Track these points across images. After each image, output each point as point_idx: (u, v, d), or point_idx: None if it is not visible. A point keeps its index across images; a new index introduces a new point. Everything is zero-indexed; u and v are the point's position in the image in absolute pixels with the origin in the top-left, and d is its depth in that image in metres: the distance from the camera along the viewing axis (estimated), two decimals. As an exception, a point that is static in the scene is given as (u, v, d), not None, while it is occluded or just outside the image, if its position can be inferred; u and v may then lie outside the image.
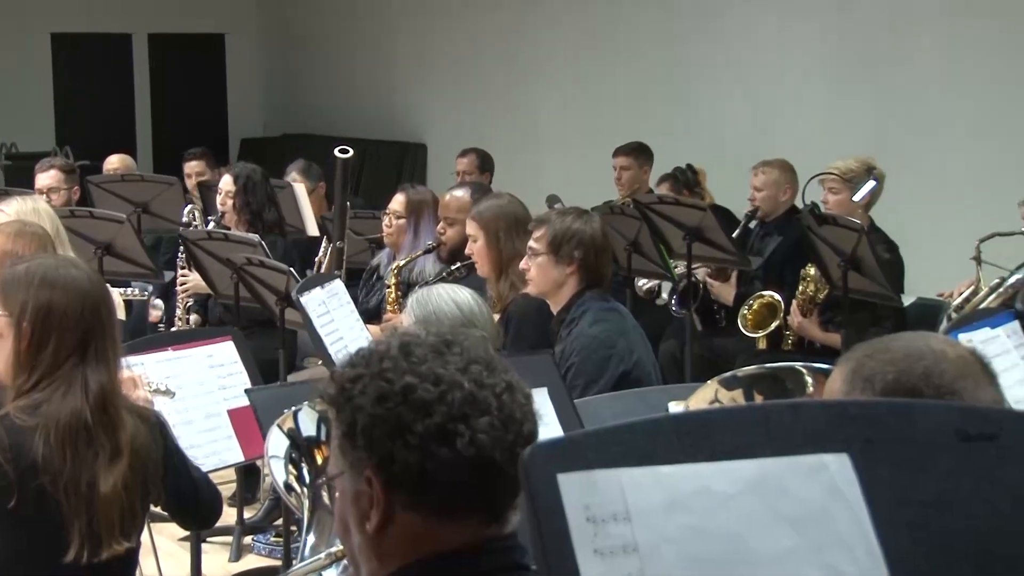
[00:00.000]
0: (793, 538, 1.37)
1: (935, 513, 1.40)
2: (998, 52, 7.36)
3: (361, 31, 12.21)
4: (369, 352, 1.72)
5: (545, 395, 3.17)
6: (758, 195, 6.63)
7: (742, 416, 1.46)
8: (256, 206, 6.47)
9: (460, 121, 10.95)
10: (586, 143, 9.61)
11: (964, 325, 3.10)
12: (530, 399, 1.73)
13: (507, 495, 1.69)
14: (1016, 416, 1.54)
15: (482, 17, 10.88)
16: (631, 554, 1.32)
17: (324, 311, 4.59)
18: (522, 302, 4.73)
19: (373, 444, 1.67)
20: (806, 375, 2.50)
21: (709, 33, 9.02)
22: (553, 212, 4.81)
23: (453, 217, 5.64)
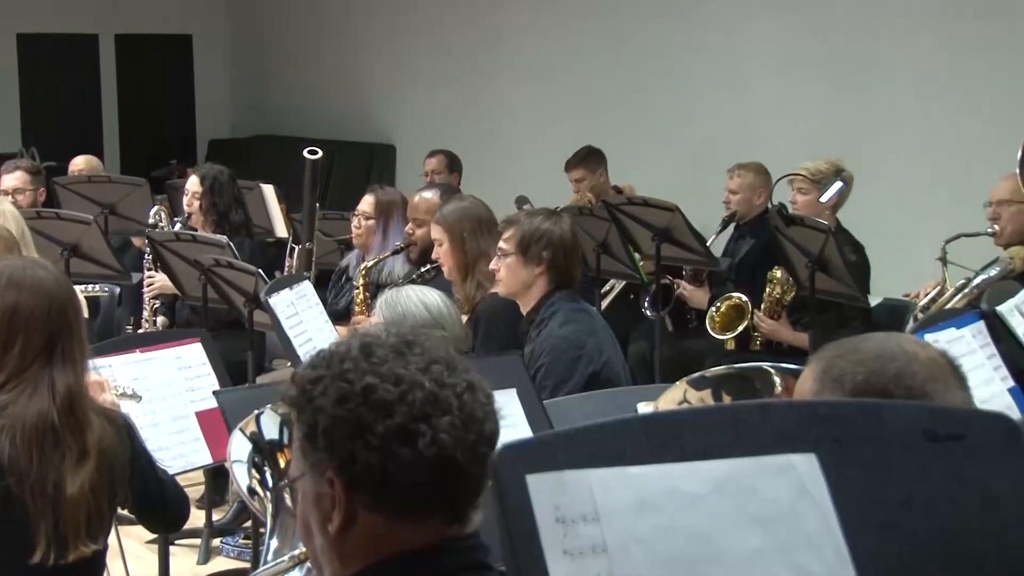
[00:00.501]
0: (761, 538, 1.37)
1: (903, 513, 1.40)
2: (965, 54, 7.41)
3: (330, 31, 12.18)
4: (330, 353, 1.73)
5: (514, 396, 3.17)
6: (733, 198, 6.65)
7: (711, 416, 1.46)
8: (223, 207, 6.45)
9: (429, 122, 10.95)
10: (555, 144, 9.61)
11: (930, 326, 3.12)
12: (491, 399, 1.73)
13: (469, 495, 1.69)
14: (983, 416, 1.54)
15: (451, 18, 10.87)
16: (600, 554, 1.32)
17: (293, 312, 4.58)
18: (491, 302, 4.73)
19: (334, 445, 1.67)
20: (775, 375, 2.50)
21: (676, 36, 9.04)
22: (522, 213, 4.81)
23: (422, 218, 5.64)
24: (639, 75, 9.27)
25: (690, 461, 1.39)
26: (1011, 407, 3.00)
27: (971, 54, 7.38)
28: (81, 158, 8.40)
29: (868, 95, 7.91)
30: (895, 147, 7.70)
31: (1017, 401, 3.04)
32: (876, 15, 7.87)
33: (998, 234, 5.09)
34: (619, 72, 9.42)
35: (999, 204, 5.10)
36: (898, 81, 7.74)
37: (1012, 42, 7.20)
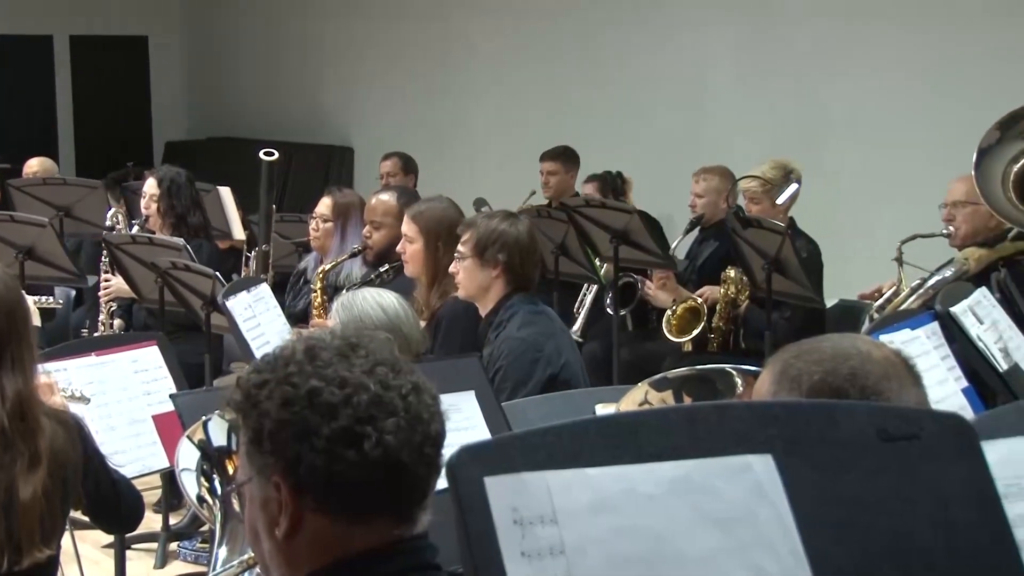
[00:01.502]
0: (718, 538, 1.38)
1: (857, 512, 1.41)
2: (921, 55, 7.47)
3: (286, 33, 12.14)
4: (274, 357, 1.73)
5: (473, 398, 3.17)
6: (699, 201, 6.68)
7: (668, 417, 1.47)
8: (181, 209, 6.43)
9: (387, 124, 10.93)
10: (512, 146, 9.63)
11: (885, 326, 3.14)
12: (437, 399, 1.74)
13: (416, 495, 1.70)
14: (937, 416, 1.56)
15: (408, 20, 10.86)
16: (558, 556, 1.33)
17: (250, 315, 4.56)
18: (452, 305, 4.73)
19: (280, 449, 1.67)
20: (735, 376, 2.52)
21: (632, 37, 9.06)
22: (481, 215, 4.81)
23: (379, 220, 5.62)
24: (598, 77, 9.29)
25: (647, 462, 1.39)
26: (965, 407, 3.02)
27: (928, 57, 7.44)
28: (35, 160, 8.34)
29: (827, 97, 7.96)
30: (853, 149, 7.76)
31: (971, 401, 3.07)
32: (835, 18, 7.92)
33: (953, 235, 5.13)
34: (578, 75, 9.44)
35: (954, 206, 5.14)
36: (856, 83, 7.79)
37: (968, 45, 7.27)
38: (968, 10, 7.29)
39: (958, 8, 7.35)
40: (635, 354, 6.37)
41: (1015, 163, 4.56)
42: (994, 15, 7.18)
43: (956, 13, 7.35)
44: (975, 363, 3.15)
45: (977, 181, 4.59)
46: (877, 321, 3.82)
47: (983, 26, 7.21)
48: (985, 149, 4.58)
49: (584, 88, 9.38)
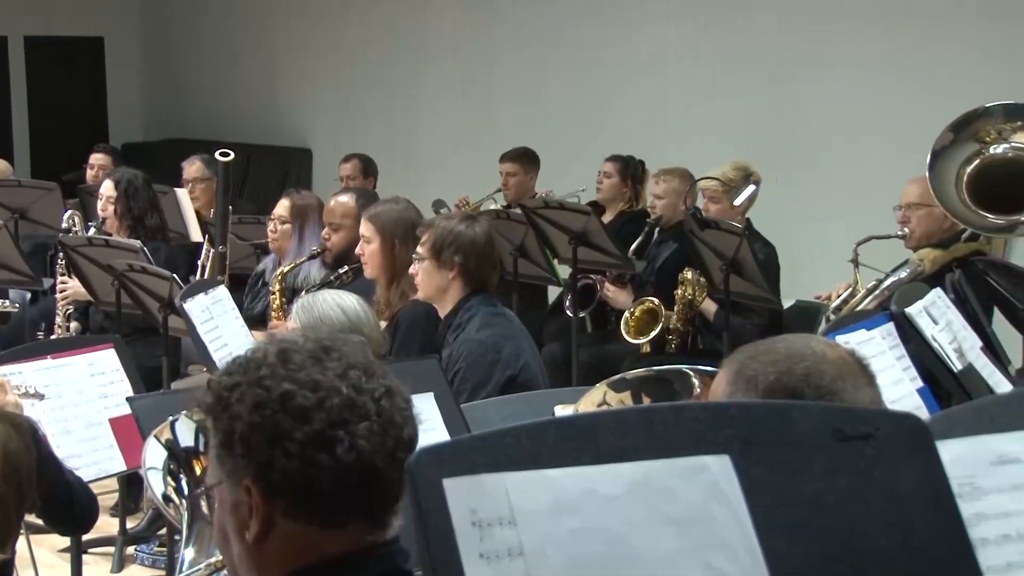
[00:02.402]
0: (676, 539, 1.38)
1: (812, 512, 1.42)
2: (880, 59, 7.52)
3: (244, 34, 12.10)
4: (246, 359, 1.72)
5: (431, 400, 3.17)
6: (659, 202, 6.71)
7: (626, 419, 1.48)
8: (138, 211, 6.40)
9: (345, 126, 10.90)
10: (470, 147, 9.62)
11: (842, 327, 3.16)
12: (410, 403, 1.73)
13: (388, 500, 1.69)
14: (892, 416, 1.57)
15: (366, 21, 10.84)
16: (516, 557, 1.33)
17: (208, 317, 4.54)
18: (411, 307, 4.73)
19: (251, 452, 1.66)
20: (693, 377, 2.53)
21: (592, 37, 9.08)
22: (439, 217, 4.81)
23: (338, 222, 5.62)
24: (559, 78, 9.30)
25: (606, 463, 1.40)
26: (920, 407, 3.05)
27: (883, 60, 7.49)
28: (-10, 162, 8.28)
29: (784, 100, 8.01)
30: (810, 151, 7.80)
31: (926, 401, 3.09)
32: (790, 18, 7.96)
33: (908, 237, 5.17)
34: (538, 76, 9.45)
35: (908, 207, 5.18)
36: (812, 86, 7.83)
37: (922, 48, 7.33)
38: (923, 13, 7.35)
39: (913, 11, 7.41)
40: (594, 355, 6.39)
41: (968, 165, 4.61)
42: (949, 18, 7.25)
43: (911, 16, 7.41)
44: (930, 363, 3.18)
45: (931, 183, 4.63)
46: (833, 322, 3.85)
47: (938, 29, 7.27)
48: (939, 151, 4.63)
49: (544, 88, 9.39)
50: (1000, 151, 4.59)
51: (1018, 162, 4.54)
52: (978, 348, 3.30)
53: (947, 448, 1.51)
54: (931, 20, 7.32)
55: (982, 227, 4.72)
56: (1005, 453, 1.56)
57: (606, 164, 7.41)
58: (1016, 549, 1.51)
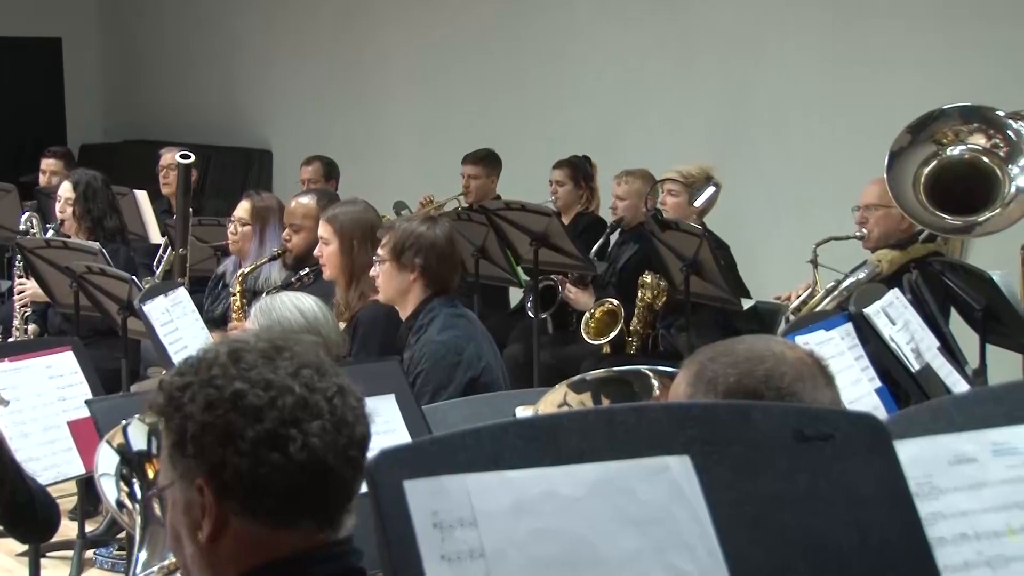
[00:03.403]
0: (637, 539, 1.39)
1: (773, 512, 1.43)
2: (838, 58, 7.56)
3: (203, 35, 12.04)
4: (198, 360, 1.72)
5: (393, 402, 3.17)
6: (620, 204, 6.73)
7: (587, 419, 1.48)
8: (97, 213, 6.37)
9: (306, 127, 10.87)
10: (432, 149, 9.62)
11: (801, 328, 3.18)
12: (362, 402, 1.74)
13: (341, 499, 1.70)
14: (851, 417, 1.58)
15: (326, 22, 10.81)
16: (478, 559, 1.33)
17: (168, 320, 4.52)
18: (371, 308, 4.72)
19: (203, 452, 1.66)
20: (652, 378, 2.54)
21: (551, 39, 9.09)
22: (400, 219, 4.81)
23: (299, 224, 5.61)
24: (520, 78, 9.30)
25: (567, 464, 1.40)
26: (878, 407, 3.06)
27: (842, 60, 7.53)
28: (-54, 163, 8.21)
29: (743, 99, 8.04)
30: (769, 152, 7.84)
31: (884, 401, 3.11)
32: (748, 17, 7.99)
33: (866, 238, 5.20)
34: (499, 76, 9.45)
35: (867, 208, 5.21)
36: (772, 87, 7.87)
37: (882, 49, 7.37)
38: (884, 13, 7.40)
39: (870, 11, 7.45)
40: (556, 357, 6.40)
41: (926, 166, 4.64)
42: (909, 19, 7.30)
43: (871, 16, 7.45)
44: (888, 363, 3.20)
45: (889, 184, 4.66)
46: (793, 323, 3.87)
47: (898, 29, 7.32)
48: (896, 152, 4.66)
49: (504, 88, 9.39)
50: (957, 153, 4.63)
51: (974, 164, 4.58)
52: (935, 348, 3.32)
53: (905, 448, 1.53)
54: (892, 21, 7.36)
55: (939, 228, 4.75)
56: (962, 453, 1.57)
57: (556, 172, 7.40)
58: (973, 548, 1.53)
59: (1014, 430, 1.60)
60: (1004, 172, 4.51)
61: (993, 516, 1.55)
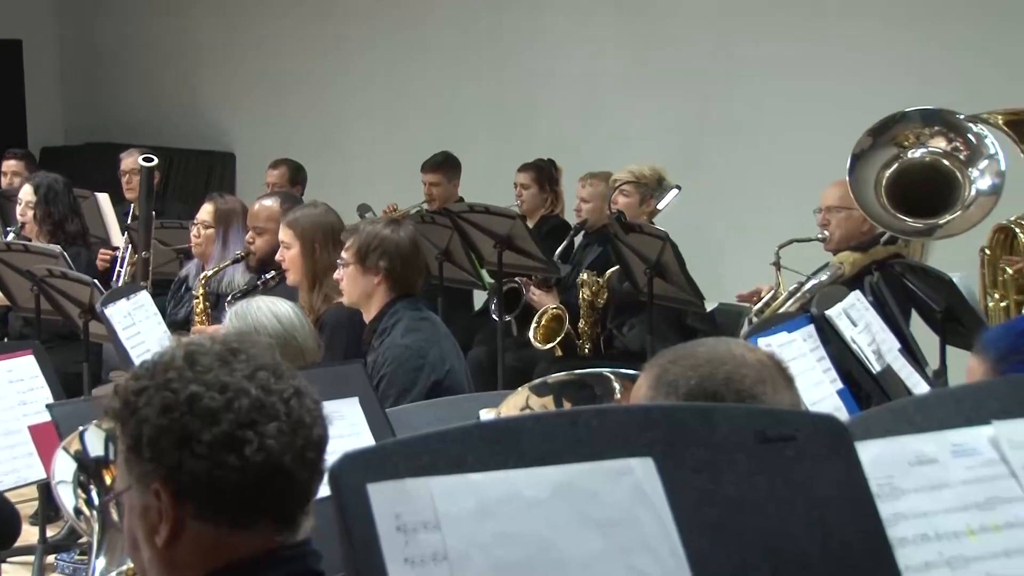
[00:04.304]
0: (600, 541, 1.39)
1: (735, 514, 1.44)
2: (800, 62, 7.60)
3: (165, 37, 11.98)
4: (153, 363, 1.72)
5: (356, 404, 3.16)
6: (584, 206, 6.74)
7: (550, 422, 1.48)
8: (58, 216, 6.34)
9: (269, 129, 10.83)
10: (396, 152, 9.60)
11: (763, 329, 3.19)
12: (319, 404, 1.74)
13: (298, 501, 1.70)
14: (812, 418, 1.59)
15: (289, 24, 10.78)
16: (441, 562, 1.33)
17: (130, 323, 4.51)
18: (336, 311, 4.72)
19: (160, 455, 1.66)
20: (614, 381, 2.54)
21: (514, 41, 9.09)
22: (364, 222, 4.81)
23: (262, 226, 5.59)
24: (484, 82, 9.31)
25: (530, 467, 1.40)
26: (839, 408, 3.08)
27: (804, 64, 7.57)
28: (-96, 167, 8.14)
29: (707, 102, 8.07)
30: (732, 154, 7.87)
31: (845, 402, 3.13)
32: (711, 20, 8.03)
33: (828, 240, 5.23)
34: (464, 79, 9.45)
35: (828, 210, 5.24)
36: (735, 90, 7.90)
37: (843, 53, 7.42)
38: (845, 16, 7.44)
39: (835, 14, 7.50)
40: (520, 359, 6.40)
41: (887, 168, 4.67)
42: (871, 22, 7.34)
43: (833, 19, 7.50)
44: (849, 365, 3.22)
45: (851, 186, 4.69)
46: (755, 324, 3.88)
47: (860, 32, 7.37)
48: (858, 155, 4.69)
49: (469, 92, 9.39)
50: (918, 155, 4.66)
51: (935, 166, 4.61)
52: (896, 350, 3.35)
53: (866, 449, 1.53)
54: (851, 23, 7.41)
55: (900, 230, 4.78)
56: (923, 453, 1.58)
57: (521, 175, 7.40)
58: (934, 548, 1.54)
59: (973, 431, 1.61)
60: (964, 175, 4.54)
61: (953, 517, 1.56)
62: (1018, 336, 2.23)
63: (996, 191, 4.50)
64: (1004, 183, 4.48)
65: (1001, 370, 2.20)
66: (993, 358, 2.22)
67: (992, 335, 2.29)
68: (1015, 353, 2.19)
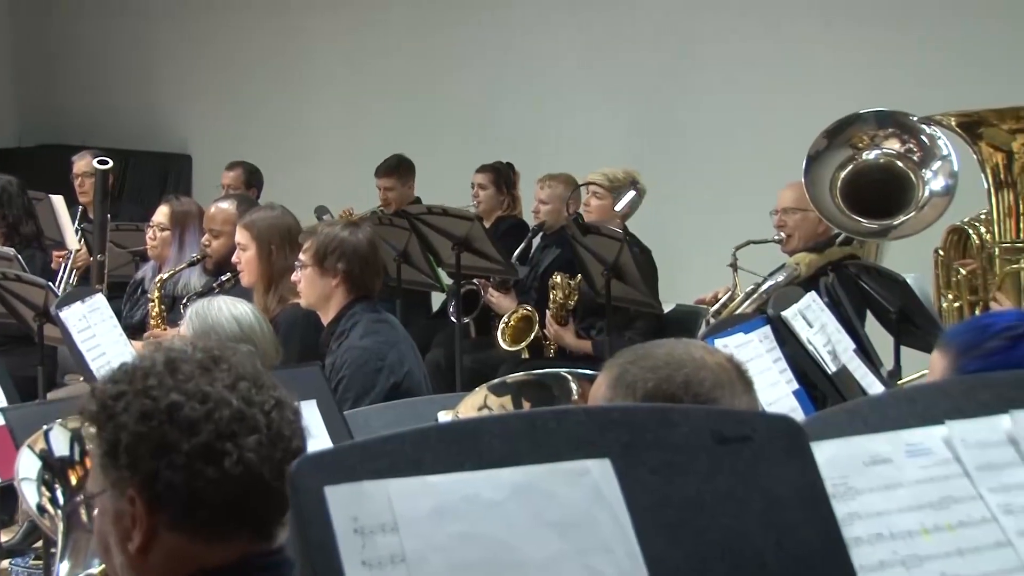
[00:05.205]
0: (558, 543, 1.39)
1: (692, 514, 1.44)
2: (757, 64, 7.63)
3: (120, 37, 11.89)
4: (133, 368, 1.69)
5: (314, 407, 3.15)
6: (543, 208, 6.75)
7: (508, 424, 1.49)
8: (12, 219, 6.30)
9: (226, 131, 10.77)
10: (355, 152, 9.57)
11: (720, 330, 3.20)
12: (299, 415, 1.72)
13: (276, 512, 1.68)
14: (769, 419, 1.60)
15: (246, 24, 10.73)
16: (399, 564, 1.33)
17: (85, 326, 4.47)
18: (290, 311, 4.71)
19: (136, 463, 1.63)
20: (572, 381, 2.55)
21: (472, 43, 9.09)
22: (322, 224, 4.80)
23: (219, 229, 5.58)
24: (441, 82, 9.30)
25: (488, 468, 1.40)
26: (796, 409, 3.10)
27: (761, 65, 7.61)
28: None
29: (664, 104, 8.10)
30: (688, 156, 7.90)
31: (801, 403, 3.14)
32: (672, 23, 8.05)
33: (784, 241, 5.26)
34: (422, 81, 9.43)
35: (785, 212, 5.27)
36: (692, 92, 7.93)
37: (801, 54, 7.46)
38: (803, 18, 7.48)
39: (793, 16, 7.54)
40: (478, 361, 6.40)
41: (842, 170, 4.70)
42: (828, 24, 7.39)
43: (791, 21, 7.54)
44: (805, 365, 3.24)
45: (806, 188, 4.71)
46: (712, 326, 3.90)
47: (817, 34, 7.41)
48: (814, 156, 4.71)
49: (426, 94, 9.38)
50: (872, 157, 4.69)
51: (889, 168, 4.64)
52: (851, 350, 3.37)
53: (822, 449, 1.54)
54: (808, 25, 7.45)
55: (856, 231, 4.81)
56: (878, 453, 1.60)
57: (478, 176, 7.40)
58: (888, 548, 1.55)
59: (927, 431, 1.63)
60: (918, 176, 4.58)
61: (908, 516, 1.57)
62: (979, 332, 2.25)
63: (949, 192, 4.54)
64: (957, 184, 4.52)
65: (961, 365, 2.22)
66: (954, 353, 2.24)
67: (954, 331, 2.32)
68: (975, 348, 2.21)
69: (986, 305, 4.02)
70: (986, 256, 4.08)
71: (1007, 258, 3.91)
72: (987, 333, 2.23)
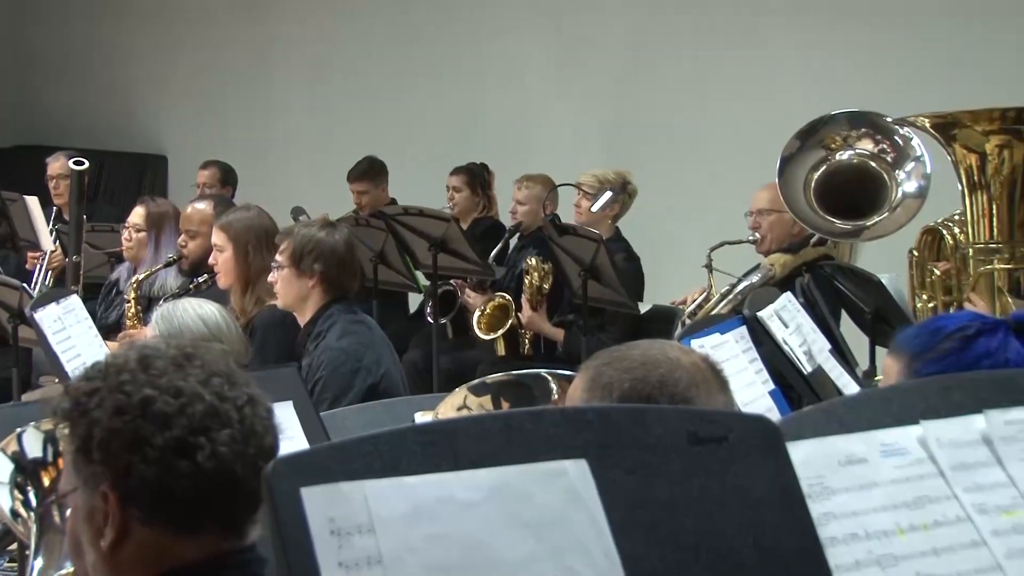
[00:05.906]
0: (534, 543, 1.40)
1: (668, 514, 1.45)
2: (731, 65, 7.66)
3: (97, 39, 11.85)
4: (106, 365, 1.70)
5: (291, 409, 3.14)
6: (520, 208, 6.75)
7: (485, 424, 1.49)
8: (-14, 220, 6.27)
9: (202, 132, 10.75)
10: (331, 153, 9.56)
11: (696, 331, 3.21)
12: (271, 413, 1.73)
13: (247, 509, 1.68)
14: (744, 419, 1.61)
15: (222, 25, 10.70)
16: (375, 565, 1.33)
17: (60, 327, 4.45)
18: (268, 313, 4.70)
19: (110, 458, 1.64)
20: (551, 382, 2.56)
21: (446, 47, 9.09)
22: (299, 224, 4.80)
23: (195, 230, 5.56)
24: (417, 83, 9.29)
25: (465, 469, 1.41)
26: (771, 409, 3.10)
27: (735, 68, 7.63)
28: None
29: (640, 106, 8.11)
30: (664, 157, 7.91)
31: (777, 403, 3.15)
32: (648, 26, 8.07)
33: (759, 242, 5.28)
34: (397, 82, 9.42)
35: (759, 213, 5.29)
36: (668, 93, 7.95)
37: (777, 55, 7.48)
38: (775, 19, 7.51)
39: (765, 17, 7.56)
40: (455, 362, 6.40)
41: (816, 171, 4.72)
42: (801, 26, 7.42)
43: (763, 23, 7.56)
44: (781, 366, 3.24)
45: (780, 189, 4.73)
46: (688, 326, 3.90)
47: (790, 36, 7.44)
48: (787, 157, 4.73)
49: (401, 95, 9.37)
50: (846, 157, 4.71)
51: (863, 168, 4.66)
52: (827, 351, 3.38)
53: (797, 449, 1.55)
54: (781, 27, 7.48)
55: (830, 232, 4.83)
56: (853, 453, 1.60)
57: (453, 178, 7.39)
58: (864, 547, 1.55)
59: (902, 431, 1.63)
60: (891, 177, 4.60)
61: (883, 516, 1.58)
62: (931, 335, 2.24)
63: (922, 193, 4.56)
64: (930, 185, 4.54)
65: (915, 369, 2.21)
66: (907, 357, 2.23)
67: (906, 334, 2.30)
68: (928, 352, 2.20)
69: (960, 305, 4.04)
70: (960, 257, 4.10)
71: (981, 259, 3.92)
72: (940, 336, 2.21)
